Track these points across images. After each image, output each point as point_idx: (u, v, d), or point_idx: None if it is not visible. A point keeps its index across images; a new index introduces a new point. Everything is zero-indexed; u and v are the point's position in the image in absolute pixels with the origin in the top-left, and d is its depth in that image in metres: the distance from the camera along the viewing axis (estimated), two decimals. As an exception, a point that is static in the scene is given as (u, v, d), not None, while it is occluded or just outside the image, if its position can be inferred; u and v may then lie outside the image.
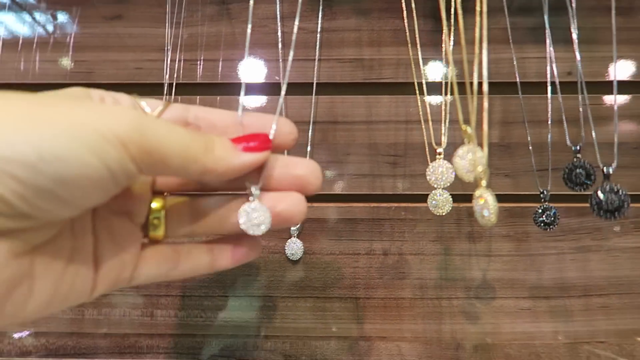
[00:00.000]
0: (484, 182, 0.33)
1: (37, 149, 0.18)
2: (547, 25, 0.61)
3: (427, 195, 0.53)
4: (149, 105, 0.26)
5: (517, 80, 0.60)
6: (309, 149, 0.59)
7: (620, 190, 0.32)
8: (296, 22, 0.35)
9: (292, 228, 0.56)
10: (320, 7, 0.63)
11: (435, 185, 0.46)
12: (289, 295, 0.56)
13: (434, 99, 0.60)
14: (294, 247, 0.55)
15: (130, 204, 0.25)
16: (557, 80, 0.59)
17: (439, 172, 0.44)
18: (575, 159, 0.37)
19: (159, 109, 0.26)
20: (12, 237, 0.19)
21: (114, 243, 0.24)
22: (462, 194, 0.55)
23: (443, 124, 0.53)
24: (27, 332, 0.56)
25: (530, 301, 0.56)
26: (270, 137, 0.25)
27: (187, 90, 0.61)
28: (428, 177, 0.46)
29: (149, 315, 0.56)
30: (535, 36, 0.63)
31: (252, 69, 0.62)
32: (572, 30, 0.58)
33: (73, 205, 0.20)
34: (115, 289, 0.25)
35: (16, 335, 0.56)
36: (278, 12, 0.62)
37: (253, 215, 0.24)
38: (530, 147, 0.57)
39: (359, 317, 0.56)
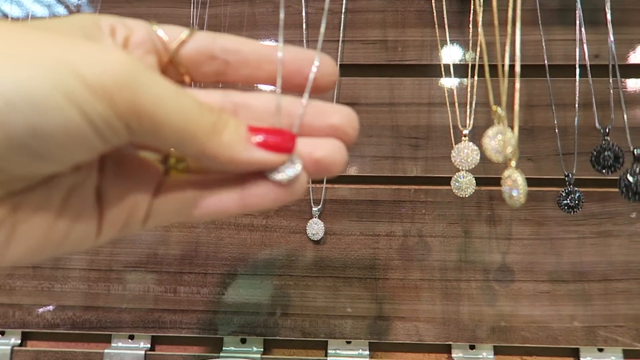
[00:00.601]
0: (513, 163, 0.33)
1: (4, 94, 0.15)
2: (578, 6, 0.60)
3: (449, 178, 0.53)
4: (168, 33, 0.22)
5: (545, 62, 0.59)
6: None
7: (619, 150, 0.32)
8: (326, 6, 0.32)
9: (313, 208, 0.57)
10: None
11: (460, 167, 0.46)
12: (309, 275, 0.57)
13: (457, 82, 0.60)
14: (316, 227, 0.56)
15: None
16: (587, 63, 0.58)
17: (464, 153, 0.44)
18: (603, 142, 0.36)
19: (180, 38, 0.22)
20: None
21: (123, 177, 0.21)
22: (483, 177, 0.55)
23: (469, 106, 0.52)
24: (50, 307, 0.58)
25: (549, 285, 0.56)
26: (311, 75, 0.22)
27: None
28: (453, 159, 0.46)
29: (172, 292, 0.57)
30: (562, 18, 0.61)
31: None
32: (607, 10, 0.57)
33: (52, 161, 0.17)
34: (129, 233, 0.21)
35: (40, 310, 0.58)
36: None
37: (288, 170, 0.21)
38: (557, 130, 0.57)
39: (378, 297, 0.57)
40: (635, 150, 0.33)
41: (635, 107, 0.58)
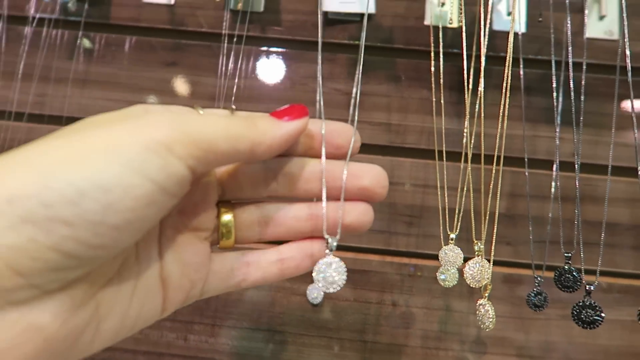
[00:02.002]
0: (486, 294, 0.40)
1: (74, 184, 0.17)
2: (558, 108, 0.67)
3: (437, 255, 0.60)
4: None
5: (525, 157, 0.67)
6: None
7: (597, 307, 0.39)
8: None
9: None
10: (360, 72, 0.69)
11: (447, 267, 0.53)
12: (306, 333, 0.64)
13: (451, 167, 0.67)
14: (316, 292, 0.63)
15: (195, 219, 0.24)
16: (556, 161, 0.66)
17: (450, 256, 0.51)
18: (566, 265, 0.44)
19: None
20: (75, 288, 0.18)
21: (181, 262, 0.23)
22: (466, 256, 0.63)
23: (457, 211, 0.59)
24: None
25: (516, 359, 0.64)
26: (350, 148, 0.26)
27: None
28: (440, 259, 0.53)
29: (183, 339, 0.64)
30: (548, 116, 0.69)
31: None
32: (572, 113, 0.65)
33: (130, 231, 0.19)
34: (186, 304, 0.25)
35: None
36: (319, 73, 0.69)
37: (328, 272, 0.25)
38: (530, 222, 0.64)
39: (365, 358, 0.64)
40: (587, 285, 0.40)
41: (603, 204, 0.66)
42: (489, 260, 0.50)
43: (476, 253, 0.41)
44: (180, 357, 0.64)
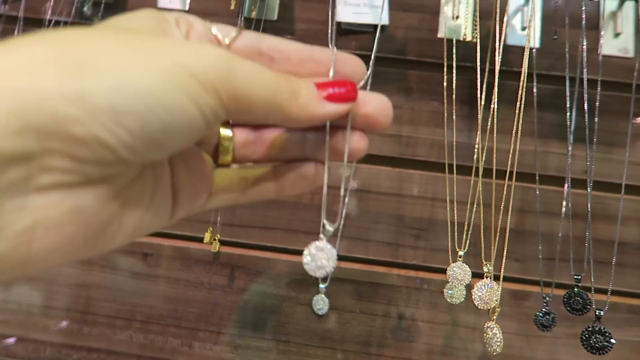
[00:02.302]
0: (495, 317, 0.40)
1: (144, 98, 0.18)
2: (571, 124, 0.67)
3: (444, 269, 0.60)
4: (220, 31, 0.24)
5: (537, 172, 0.66)
6: (343, 213, 0.66)
7: (606, 333, 0.39)
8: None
9: (321, 285, 0.64)
10: (369, 83, 0.69)
11: (454, 284, 0.52)
12: (310, 344, 0.64)
13: (460, 181, 0.67)
14: (322, 303, 0.63)
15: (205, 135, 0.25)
16: (568, 178, 0.65)
17: (458, 273, 0.51)
18: (575, 288, 0.43)
19: (232, 36, 0.24)
20: (110, 182, 0.19)
21: (189, 172, 0.24)
22: (474, 272, 0.62)
23: (466, 226, 0.59)
24: (13, 340, 0.65)
25: (522, 376, 0.63)
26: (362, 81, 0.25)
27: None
28: (447, 276, 0.53)
29: (188, 345, 0.64)
30: (560, 132, 0.68)
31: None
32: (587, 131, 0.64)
33: (168, 149, 0.20)
34: (192, 213, 0.25)
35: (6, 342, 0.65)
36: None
37: (318, 256, 0.24)
38: (539, 239, 0.64)
39: (370, 370, 0.64)
40: (596, 311, 0.39)
41: (614, 223, 0.65)
42: (498, 278, 0.50)
43: (485, 275, 0.40)
44: (184, 363, 0.64)
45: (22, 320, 0.65)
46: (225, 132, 0.26)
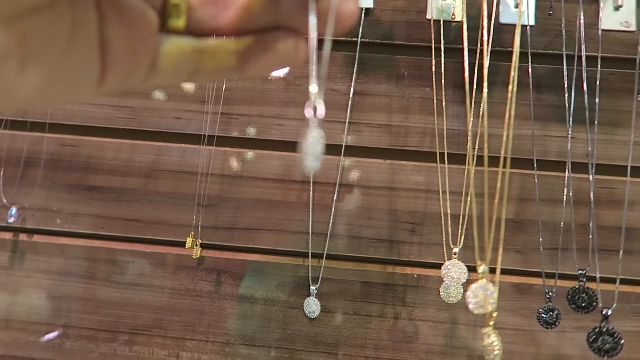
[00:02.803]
0: (492, 322, 0.36)
1: None
2: (570, 106, 0.63)
3: (441, 264, 0.57)
4: None
5: (534, 158, 0.62)
6: (332, 210, 0.63)
7: (616, 334, 0.35)
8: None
9: (312, 287, 0.61)
10: (355, 70, 0.65)
11: (450, 283, 0.49)
12: (303, 349, 0.61)
13: (454, 170, 0.63)
14: (313, 306, 0.60)
15: None
16: (569, 161, 0.62)
17: (454, 272, 0.48)
18: (579, 283, 0.40)
19: None
20: None
21: (124, 25, 0.20)
22: (471, 265, 0.59)
23: (461, 221, 0.56)
24: (56, 333, 0.62)
25: (527, 373, 0.60)
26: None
27: (223, 142, 0.65)
28: (442, 275, 0.49)
29: (175, 356, 0.61)
30: (559, 114, 0.64)
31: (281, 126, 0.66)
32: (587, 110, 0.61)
33: None
34: (130, 86, 0.21)
35: (44, 338, 0.62)
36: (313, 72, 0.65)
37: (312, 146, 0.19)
38: (540, 227, 0.60)
39: (367, 373, 0.60)
40: (603, 310, 0.36)
41: (620, 207, 0.61)
42: (493, 271, 0.46)
43: (480, 275, 0.37)
44: (172, 374, 0.61)
45: (2, 337, 0.62)
46: None
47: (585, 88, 0.61)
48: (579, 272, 0.42)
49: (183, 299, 0.62)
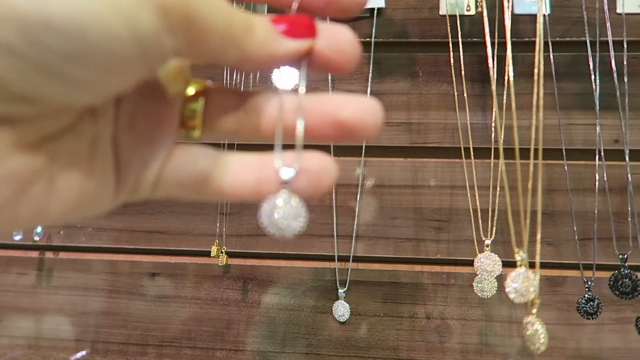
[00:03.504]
0: (534, 310, 0.35)
1: (42, 8, 0.13)
2: (596, 91, 0.61)
3: (471, 260, 0.55)
4: None
5: (563, 147, 0.61)
6: (356, 211, 0.62)
7: None
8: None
9: (339, 290, 0.59)
10: (370, 70, 0.65)
11: (484, 276, 0.48)
12: (335, 354, 0.60)
13: (479, 165, 0.62)
14: (342, 309, 0.58)
15: (164, 85, 0.20)
16: (601, 148, 0.60)
17: (486, 264, 0.46)
18: (622, 269, 0.38)
19: None
20: (15, 125, 0.15)
21: (136, 132, 0.19)
22: (504, 261, 0.57)
23: (490, 212, 0.54)
24: (84, 353, 0.61)
25: (568, 369, 0.58)
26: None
27: (242, 148, 0.65)
28: (475, 268, 0.48)
29: (205, 367, 0.61)
30: (583, 102, 0.63)
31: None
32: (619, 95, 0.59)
33: (90, 90, 0.15)
34: (139, 197, 0.20)
35: (71, 358, 0.62)
36: (329, 75, 0.65)
37: (276, 215, 0.18)
38: (573, 217, 0.58)
39: (401, 377, 0.59)
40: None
41: (654, 198, 0.60)
42: (532, 266, 0.45)
43: (518, 264, 0.35)
44: (203, 386, 0.60)
45: (31, 356, 0.62)
46: (192, 89, 0.20)
47: (615, 73, 0.60)
48: (620, 256, 0.41)
49: (210, 308, 0.62)
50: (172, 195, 0.21)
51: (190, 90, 0.20)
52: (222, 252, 0.59)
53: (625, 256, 0.40)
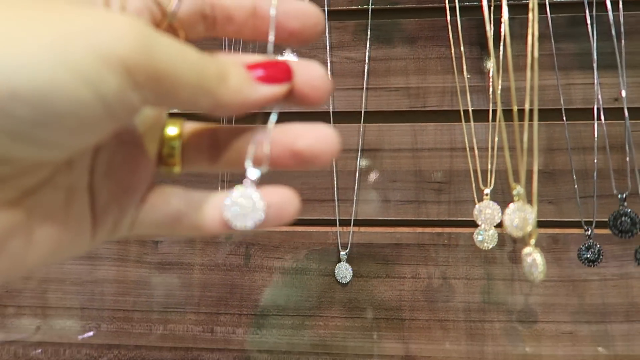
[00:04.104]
0: (532, 241, 0.35)
1: (9, 81, 0.13)
2: (594, 51, 0.61)
3: (472, 221, 0.55)
4: None
5: (562, 107, 0.61)
6: (357, 175, 0.62)
7: None
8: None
9: (341, 252, 0.60)
10: (369, 37, 0.65)
11: (483, 225, 0.48)
12: (338, 316, 0.60)
13: (478, 127, 0.62)
14: (345, 271, 0.59)
15: (139, 130, 0.21)
16: (601, 107, 0.60)
17: (487, 212, 0.46)
18: (620, 207, 0.38)
19: (176, 1, 0.20)
20: None
21: (112, 179, 0.20)
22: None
23: (489, 163, 0.55)
24: (90, 333, 0.62)
25: (571, 326, 0.58)
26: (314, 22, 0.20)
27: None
28: (475, 217, 0.48)
29: (210, 332, 0.61)
30: (582, 62, 0.63)
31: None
32: (618, 54, 0.59)
33: (59, 148, 0.16)
34: (118, 237, 0.21)
35: (79, 337, 0.62)
36: (327, 43, 0.65)
37: (233, 207, 0.20)
38: (574, 176, 0.58)
39: (405, 337, 0.59)
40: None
41: (654, 152, 0.59)
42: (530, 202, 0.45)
43: (515, 198, 0.36)
44: (207, 350, 0.61)
45: (39, 324, 0.63)
46: (171, 129, 0.21)
47: (613, 30, 0.60)
48: (619, 196, 0.41)
49: (214, 274, 0.62)
50: (149, 233, 0.22)
51: (170, 131, 0.21)
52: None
53: (624, 196, 0.40)
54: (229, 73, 0.18)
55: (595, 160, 0.59)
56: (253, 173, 0.20)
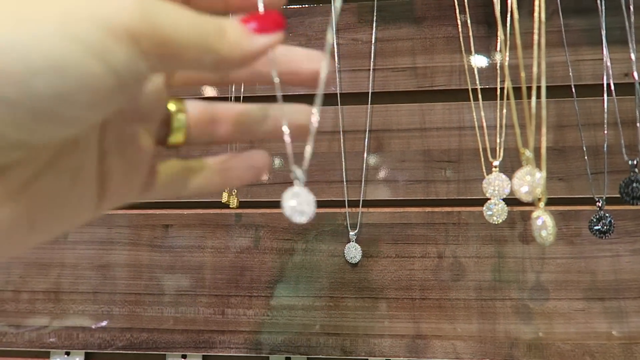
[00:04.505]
0: (542, 204, 0.35)
1: (27, 59, 0.14)
2: (603, 26, 0.61)
3: (481, 199, 0.55)
4: None
5: (572, 83, 0.60)
6: (365, 156, 0.62)
7: None
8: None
9: (350, 233, 0.60)
10: (374, 18, 0.65)
11: (492, 198, 0.48)
12: (348, 296, 0.60)
13: (486, 105, 0.62)
14: (354, 251, 0.59)
15: (144, 107, 0.22)
16: (611, 82, 0.59)
17: (495, 184, 0.46)
18: (632, 173, 0.38)
19: None
20: (4, 175, 0.16)
21: (122, 156, 0.21)
22: (515, 198, 0.57)
23: (498, 137, 0.54)
24: (104, 323, 0.62)
25: (584, 302, 0.57)
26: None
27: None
28: (484, 189, 0.48)
29: (221, 314, 0.61)
30: (591, 37, 0.63)
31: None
32: (628, 29, 0.58)
33: (76, 123, 0.16)
34: (125, 203, 0.22)
35: (93, 326, 0.63)
36: (333, 25, 0.65)
37: (294, 201, 0.22)
38: (585, 151, 0.58)
39: (415, 316, 0.59)
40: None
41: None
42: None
43: (524, 162, 0.35)
44: (219, 332, 0.61)
45: (52, 309, 0.64)
46: (176, 105, 0.23)
47: (623, 6, 0.59)
48: (630, 162, 0.40)
49: (224, 256, 0.62)
50: (161, 197, 0.24)
51: (174, 106, 0.23)
52: (232, 195, 0.59)
53: (635, 162, 0.40)
54: (227, 28, 0.19)
55: (606, 136, 0.58)
56: (300, 175, 0.22)
